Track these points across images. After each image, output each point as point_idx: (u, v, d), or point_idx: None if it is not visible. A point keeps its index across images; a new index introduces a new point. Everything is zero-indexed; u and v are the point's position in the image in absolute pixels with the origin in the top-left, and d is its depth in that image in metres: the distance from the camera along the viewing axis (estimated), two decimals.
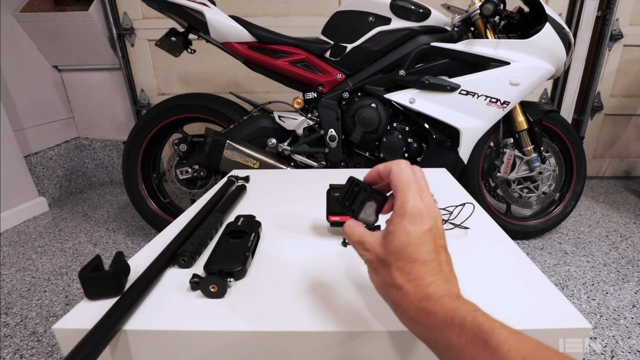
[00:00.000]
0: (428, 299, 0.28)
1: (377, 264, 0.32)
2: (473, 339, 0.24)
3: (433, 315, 0.27)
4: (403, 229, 0.31)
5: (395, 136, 1.27)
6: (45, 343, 0.97)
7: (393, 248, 0.31)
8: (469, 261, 0.48)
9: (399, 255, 0.30)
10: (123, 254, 0.43)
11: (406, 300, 0.29)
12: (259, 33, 1.24)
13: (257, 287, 0.43)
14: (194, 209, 0.65)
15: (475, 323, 0.25)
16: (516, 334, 0.24)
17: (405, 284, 0.30)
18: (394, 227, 0.31)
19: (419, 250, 0.30)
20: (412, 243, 0.30)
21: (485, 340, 0.24)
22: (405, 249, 0.30)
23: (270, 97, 2.02)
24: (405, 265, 0.30)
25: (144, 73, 2.02)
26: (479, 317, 0.25)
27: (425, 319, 0.28)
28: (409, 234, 0.30)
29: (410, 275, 0.30)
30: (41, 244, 1.50)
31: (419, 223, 0.31)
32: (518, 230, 1.46)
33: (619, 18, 1.88)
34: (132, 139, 1.38)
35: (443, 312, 0.27)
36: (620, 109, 2.07)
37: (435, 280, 0.29)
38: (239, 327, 0.36)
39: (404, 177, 0.32)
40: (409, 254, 0.30)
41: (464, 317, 0.26)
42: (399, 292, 0.30)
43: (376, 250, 0.32)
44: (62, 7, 1.95)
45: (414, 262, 0.30)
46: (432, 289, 0.29)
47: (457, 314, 0.26)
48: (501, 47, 1.22)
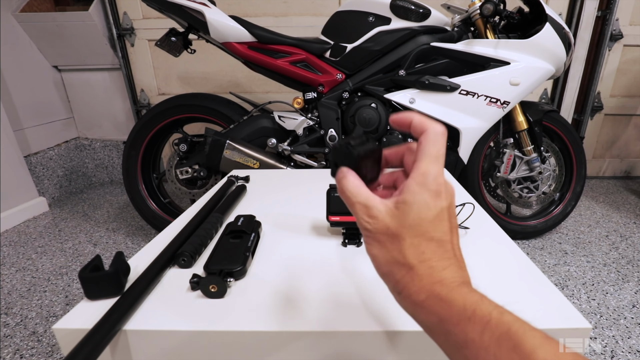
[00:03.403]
0: (443, 285, 0.25)
1: (384, 236, 0.27)
2: (499, 339, 0.22)
3: (448, 304, 0.24)
4: (424, 201, 0.26)
5: (395, 136, 1.27)
6: (45, 343, 0.97)
7: (410, 221, 0.26)
8: (469, 261, 0.47)
9: (415, 230, 0.26)
10: (123, 254, 0.43)
11: (417, 283, 0.26)
12: (259, 33, 1.24)
13: (257, 287, 0.43)
14: (194, 209, 0.65)
15: (502, 321, 0.22)
16: (551, 341, 0.22)
17: (418, 264, 0.26)
18: (412, 197, 0.26)
19: (437, 228, 0.26)
20: (432, 219, 0.26)
21: (516, 343, 0.21)
22: (423, 224, 0.26)
23: (270, 97, 2.01)
24: (421, 243, 0.26)
25: (144, 73, 2.02)
26: (506, 315, 0.23)
27: (439, 308, 0.24)
28: (429, 208, 0.26)
29: (425, 255, 0.26)
30: (41, 244, 1.50)
31: (440, 199, 0.27)
32: (518, 230, 1.46)
33: (619, 18, 1.88)
34: (132, 139, 1.38)
35: (462, 302, 0.24)
36: (620, 109, 2.07)
37: (451, 265, 0.26)
38: (239, 327, 0.36)
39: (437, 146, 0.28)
40: (427, 230, 0.26)
41: (489, 313, 0.23)
42: (408, 272, 0.26)
43: (385, 220, 0.27)
44: (62, 7, 1.95)
45: (430, 240, 0.26)
46: (447, 274, 0.25)
47: (479, 307, 0.23)
48: (501, 47, 1.22)
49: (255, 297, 0.41)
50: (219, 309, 0.39)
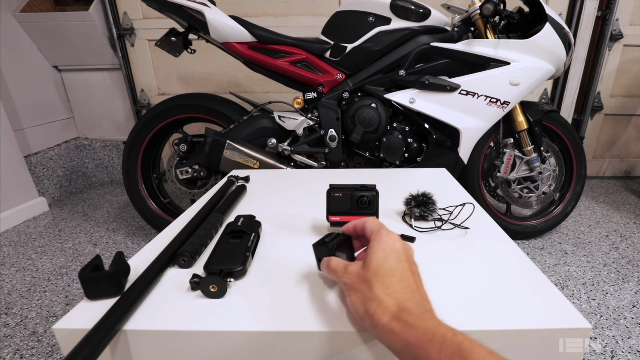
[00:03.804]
0: (408, 313, 0.30)
1: (358, 282, 0.35)
2: (452, 355, 0.26)
3: (414, 329, 0.29)
4: (379, 248, 0.35)
5: (395, 136, 1.27)
6: (45, 343, 0.97)
7: (373, 265, 0.34)
8: (469, 261, 0.48)
9: (377, 270, 0.34)
10: (123, 254, 0.43)
11: (387, 313, 0.31)
12: (259, 33, 1.24)
13: (257, 287, 0.43)
14: (194, 209, 0.65)
15: (455, 341, 0.27)
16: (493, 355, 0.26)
17: (385, 296, 0.32)
18: (371, 250, 0.36)
19: (396, 267, 0.34)
20: (389, 259, 0.34)
21: (464, 357, 0.25)
22: (383, 264, 0.34)
23: (270, 97, 2.02)
24: (384, 279, 0.33)
25: (144, 73, 2.02)
26: (458, 336, 0.27)
27: (407, 333, 0.29)
28: (385, 252, 0.35)
29: (390, 289, 0.32)
30: (41, 244, 1.50)
31: (393, 244, 0.35)
32: (518, 230, 1.46)
33: (619, 18, 1.88)
34: (132, 139, 1.38)
35: (424, 327, 0.28)
36: (620, 109, 2.07)
37: (413, 297, 0.32)
38: (239, 327, 0.36)
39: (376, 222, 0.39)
40: (388, 268, 0.34)
41: (444, 334, 0.27)
42: (379, 305, 0.32)
43: (358, 272, 0.35)
44: (62, 7, 1.95)
45: (391, 275, 0.33)
46: (411, 304, 0.31)
47: (437, 331, 0.28)
48: (501, 47, 1.22)
49: (255, 297, 0.41)
50: (219, 309, 0.39)
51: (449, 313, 0.37)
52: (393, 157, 1.29)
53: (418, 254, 0.50)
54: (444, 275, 0.45)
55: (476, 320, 0.37)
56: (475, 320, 0.36)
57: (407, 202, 0.61)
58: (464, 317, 0.37)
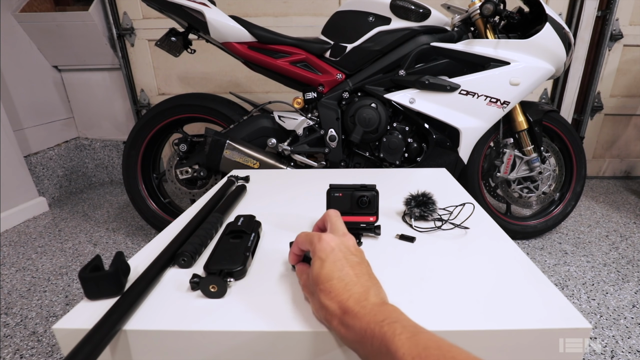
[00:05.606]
0: (348, 314, 0.31)
1: (308, 294, 0.38)
2: (379, 347, 0.27)
3: (353, 329, 0.30)
4: (317, 258, 0.37)
5: (395, 136, 1.27)
6: (45, 343, 0.97)
7: (313, 276, 0.36)
8: (469, 261, 0.48)
9: (317, 279, 0.35)
10: (123, 254, 0.43)
11: (334, 318, 0.32)
12: (259, 33, 1.24)
13: (257, 287, 0.43)
14: (194, 209, 0.65)
15: (380, 332, 0.28)
16: (412, 337, 0.27)
17: (329, 303, 0.33)
18: (312, 261, 0.38)
19: (333, 269, 0.35)
20: (325, 264, 0.35)
21: (387, 347, 0.27)
22: (320, 272, 0.35)
23: (270, 97, 2.02)
24: (324, 285, 0.34)
25: (144, 73, 2.02)
26: (384, 327, 0.28)
27: (350, 334, 0.31)
28: (321, 259, 0.36)
29: (331, 294, 0.33)
30: (41, 244, 1.50)
31: (326, 250, 0.37)
32: (518, 230, 1.46)
33: (619, 18, 1.88)
34: (132, 139, 1.38)
35: (359, 325, 0.30)
36: (620, 109, 2.07)
37: (354, 293, 0.33)
38: (239, 327, 0.36)
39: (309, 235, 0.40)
40: (325, 274, 0.35)
41: (373, 329, 0.29)
42: (327, 312, 0.33)
43: (305, 282, 0.39)
44: (62, 7, 1.95)
45: (330, 280, 0.34)
46: (351, 303, 0.32)
47: (369, 326, 0.29)
48: (501, 47, 1.22)
49: (255, 297, 0.41)
50: (219, 309, 0.39)
51: (449, 313, 0.38)
52: (393, 157, 1.29)
53: (418, 254, 0.50)
54: (444, 275, 0.45)
55: (476, 320, 0.36)
56: (475, 320, 0.36)
57: (407, 202, 0.61)
58: (464, 317, 0.37)
